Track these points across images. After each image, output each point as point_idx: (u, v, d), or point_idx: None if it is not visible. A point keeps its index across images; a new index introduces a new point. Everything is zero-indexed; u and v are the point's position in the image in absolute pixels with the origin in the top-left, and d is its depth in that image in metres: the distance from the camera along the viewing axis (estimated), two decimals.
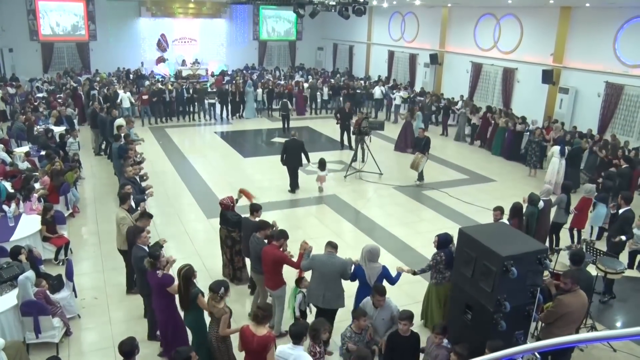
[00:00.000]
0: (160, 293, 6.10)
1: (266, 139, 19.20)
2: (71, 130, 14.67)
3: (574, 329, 5.92)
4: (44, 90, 21.74)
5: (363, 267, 6.49)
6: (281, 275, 6.89)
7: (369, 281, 6.40)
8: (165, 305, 6.15)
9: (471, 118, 18.70)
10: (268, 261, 6.74)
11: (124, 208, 8.00)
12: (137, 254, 6.68)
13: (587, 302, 6.11)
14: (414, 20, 24.56)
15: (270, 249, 6.77)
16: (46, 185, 10.53)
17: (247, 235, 7.72)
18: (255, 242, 7.16)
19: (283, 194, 13.03)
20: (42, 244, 8.99)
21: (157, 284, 6.08)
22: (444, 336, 5.57)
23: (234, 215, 8.28)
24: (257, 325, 5.17)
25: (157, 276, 6.04)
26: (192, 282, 5.90)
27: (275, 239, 6.81)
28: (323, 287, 6.45)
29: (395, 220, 11.58)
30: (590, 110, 16.25)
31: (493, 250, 5.31)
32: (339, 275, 6.49)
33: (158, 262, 6.12)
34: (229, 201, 8.40)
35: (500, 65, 19.78)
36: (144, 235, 6.86)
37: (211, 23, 29.52)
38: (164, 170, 14.57)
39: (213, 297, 5.59)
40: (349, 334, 5.75)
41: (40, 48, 25.78)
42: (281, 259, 6.71)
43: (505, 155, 16.66)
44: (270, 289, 6.94)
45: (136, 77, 24.36)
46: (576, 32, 16.80)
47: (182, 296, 5.89)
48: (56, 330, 6.72)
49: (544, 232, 9.48)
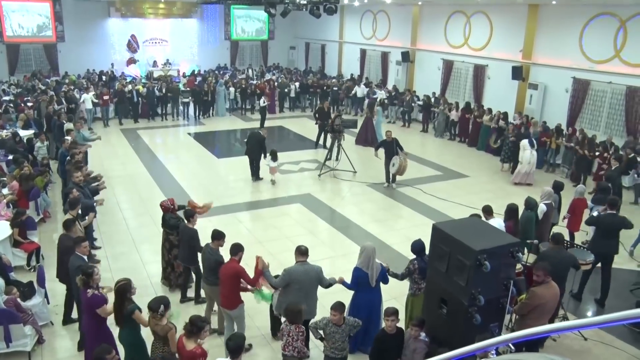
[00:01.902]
0: (89, 312, 5.82)
1: (240, 139, 19.11)
2: (39, 134, 14.34)
3: (547, 319, 6.05)
4: (11, 93, 21.22)
5: (364, 268, 6.41)
6: (239, 293, 6.58)
7: (371, 281, 6.39)
8: (94, 324, 5.84)
9: (449, 115, 18.95)
10: (225, 277, 6.43)
11: (72, 214, 7.82)
12: (75, 264, 6.38)
13: (559, 293, 6.25)
14: (385, 19, 24.70)
15: (228, 265, 6.46)
16: (15, 191, 10.28)
17: (185, 242, 7.69)
18: (208, 252, 6.90)
19: (257, 193, 13.00)
20: (12, 250, 8.78)
21: (86, 303, 5.79)
22: (421, 329, 5.64)
23: (172, 218, 8.19)
24: (187, 339, 5.10)
25: (87, 295, 5.73)
26: (127, 297, 5.63)
27: (233, 254, 6.45)
28: (303, 299, 6.15)
29: (370, 217, 11.64)
30: (559, 106, 16.58)
31: (466, 244, 5.37)
32: (317, 284, 6.40)
33: (91, 280, 5.80)
34: (169, 203, 8.33)
35: (471, 62, 20.03)
36: (84, 246, 6.71)
37: (182, 23, 29.20)
38: (137, 172, 14.37)
39: (153, 315, 5.39)
40: (325, 321, 5.71)
41: (5, 50, 25.13)
42: (240, 273, 6.40)
43: (492, 151, 16.88)
44: (227, 309, 6.56)
45: (109, 79, 23.95)
46: (544, 28, 17.12)
47: (116, 312, 5.64)
48: (28, 339, 6.57)
49: (546, 235, 8.90)
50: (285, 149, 16.73)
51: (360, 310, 6.46)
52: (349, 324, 5.73)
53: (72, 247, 6.71)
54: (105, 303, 5.79)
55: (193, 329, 5.12)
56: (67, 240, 7.08)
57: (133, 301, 5.73)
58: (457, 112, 18.86)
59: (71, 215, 7.79)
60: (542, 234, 8.89)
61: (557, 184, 9.82)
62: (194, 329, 5.12)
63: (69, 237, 7.09)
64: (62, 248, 7.11)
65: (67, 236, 7.17)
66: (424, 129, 20.19)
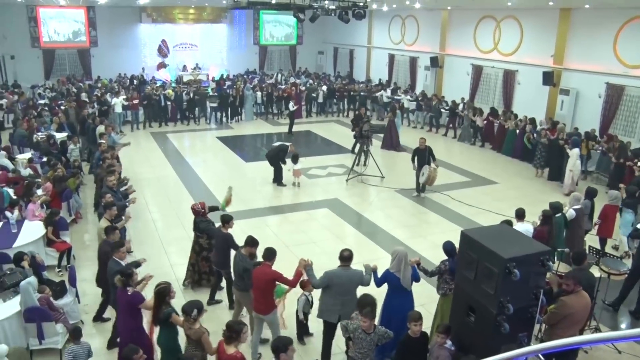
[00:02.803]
0: (127, 312, 5.92)
1: (267, 143, 19.19)
2: (72, 136, 14.68)
3: (577, 330, 5.91)
4: (46, 96, 21.78)
5: (396, 272, 6.38)
6: (273, 298, 6.59)
7: (404, 285, 6.37)
8: (130, 326, 5.94)
9: (475, 120, 18.78)
10: (260, 283, 6.38)
11: (107, 218, 7.93)
12: (113, 268, 6.45)
13: (590, 303, 6.10)
14: (414, 24, 24.60)
15: (262, 270, 6.41)
16: (49, 192, 10.54)
17: (219, 246, 7.74)
18: (238, 258, 6.92)
19: (285, 197, 13.06)
20: (45, 249, 9.00)
21: (126, 302, 5.89)
22: (447, 336, 5.57)
23: (202, 221, 8.29)
24: (228, 345, 5.08)
25: (127, 293, 5.85)
26: (165, 300, 5.70)
27: (267, 259, 6.43)
28: (340, 302, 6.23)
29: (398, 223, 11.58)
30: (591, 112, 16.24)
31: (495, 252, 5.30)
32: (356, 287, 6.38)
33: (130, 280, 5.94)
34: (200, 207, 8.41)
35: (501, 68, 19.79)
36: (122, 250, 6.72)
37: (211, 28, 29.59)
38: (166, 175, 14.59)
39: (186, 319, 5.42)
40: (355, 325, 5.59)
41: (42, 55, 25.87)
42: (278, 278, 6.38)
43: (518, 156, 16.78)
44: (261, 314, 6.53)
45: (139, 83, 24.41)
46: (576, 33, 16.81)
47: (155, 313, 5.76)
48: (59, 336, 6.73)
49: (577, 241, 8.89)
50: (313, 154, 16.79)
51: (392, 313, 6.44)
52: (378, 333, 5.59)
53: (110, 252, 6.77)
54: (143, 300, 5.92)
55: (232, 334, 5.07)
56: (106, 245, 7.15)
57: (171, 305, 5.77)
58: (482, 117, 18.67)
59: (107, 219, 7.88)
60: (572, 240, 8.80)
61: (590, 190, 9.61)
62: (232, 334, 5.07)
63: (108, 243, 7.13)
64: (101, 254, 7.20)
65: (107, 242, 7.22)
66: (447, 133, 20.16)
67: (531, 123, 16.53)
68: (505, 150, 17.43)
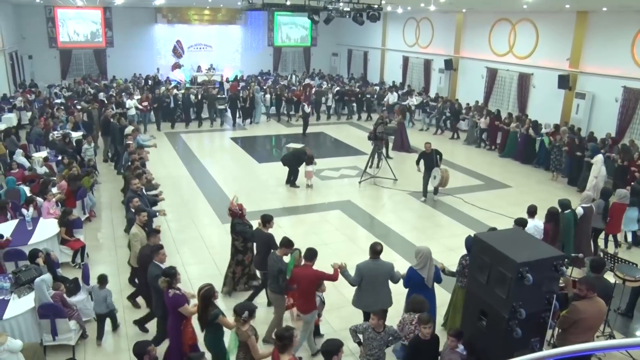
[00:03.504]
0: (173, 313, 5.92)
1: (280, 144, 19.24)
2: (87, 135, 14.82)
3: (590, 336, 5.84)
4: (62, 96, 22.03)
5: (420, 270, 6.57)
6: (314, 298, 6.70)
7: (427, 283, 6.57)
8: (177, 325, 5.94)
9: (478, 122, 18.75)
10: (304, 283, 6.51)
11: (138, 224, 7.78)
12: (153, 273, 6.38)
13: (605, 310, 6.02)
14: (428, 26, 24.52)
15: (305, 270, 6.54)
16: (63, 190, 10.66)
17: (259, 247, 7.66)
18: (274, 260, 6.87)
19: (297, 199, 13.07)
20: (60, 247, 9.11)
21: (169, 304, 5.89)
22: (458, 341, 5.54)
23: (239, 224, 8.10)
24: (282, 354, 4.96)
25: (168, 295, 5.85)
26: (211, 302, 5.67)
27: (308, 260, 6.56)
28: (374, 293, 6.54)
29: (410, 226, 11.54)
30: (608, 116, 16.05)
31: (508, 256, 5.27)
32: (388, 277, 6.65)
33: (174, 280, 5.90)
34: (237, 209, 8.20)
35: (516, 71, 19.65)
36: (162, 253, 6.61)
37: (226, 29, 29.76)
38: (179, 175, 14.68)
39: (236, 319, 5.38)
40: (366, 325, 5.70)
41: (59, 55, 26.19)
42: (322, 276, 6.56)
43: (520, 158, 16.87)
44: (303, 313, 6.68)
45: (153, 83, 24.58)
46: (593, 36, 16.64)
47: (200, 316, 5.70)
48: (72, 333, 6.79)
49: (585, 239, 9.28)
50: (326, 156, 16.79)
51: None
52: (388, 332, 5.69)
53: (150, 256, 6.67)
54: (186, 302, 5.88)
55: (285, 342, 4.93)
56: (146, 249, 7.06)
57: (217, 306, 5.75)
58: (485, 120, 18.61)
59: (138, 224, 7.74)
60: (580, 237, 9.11)
61: (605, 191, 10.10)
62: (285, 341, 4.93)
63: (148, 247, 7.05)
64: (142, 258, 7.07)
65: (147, 246, 7.15)
66: (454, 136, 20.17)
67: (534, 127, 16.56)
68: (507, 153, 17.49)
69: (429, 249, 6.71)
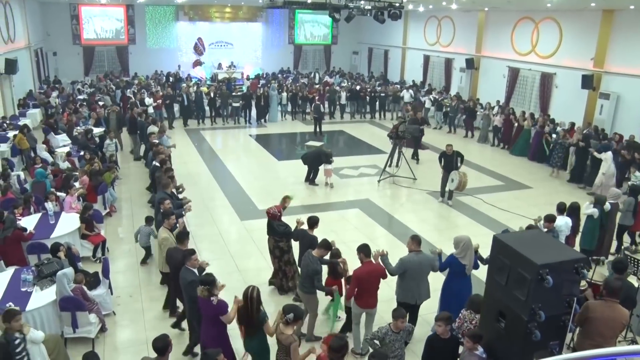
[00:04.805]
0: (213, 321, 5.71)
1: (300, 142, 19.25)
2: (109, 131, 14.98)
3: (610, 341, 5.73)
4: (85, 92, 22.35)
5: (461, 258, 6.75)
6: None
7: (467, 271, 6.76)
8: (216, 333, 5.76)
9: (493, 120, 18.62)
10: (374, 278, 6.58)
11: (166, 227, 7.50)
12: (187, 278, 6.12)
13: (624, 316, 5.86)
14: (450, 25, 24.33)
15: (370, 267, 6.57)
16: (85, 185, 10.81)
17: (304, 249, 7.63)
18: (309, 259, 6.88)
19: (316, 197, 13.07)
20: (81, 241, 9.24)
21: (212, 312, 5.65)
22: (477, 343, 5.48)
23: (280, 225, 8.12)
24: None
25: (212, 304, 5.59)
26: (261, 303, 5.58)
27: (367, 256, 6.62)
28: (416, 285, 6.71)
29: (429, 225, 11.47)
30: (633, 117, 15.76)
31: (528, 258, 5.20)
32: (429, 270, 6.83)
33: (214, 287, 5.68)
34: (276, 210, 8.22)
35: (538, 70, 19.40)
36: (194, 258, 6.30)
37: (247, 27, 29.88)
38: (199, 171, 14.78)
39: (281, 318, 5.30)
40: (385, 330, 5.70)
41: (82, 51, 26.57)
42: (383, 270, 6.67)
43: (531, 156, 16.80)
44: (370, 308, 6.71)
45: (175, 80, 24.79)
46: (619, 35, 16.33)
47: (249, 319, 5.55)
48: (92, 326, 6.89)
49: (609, 235, 9.60)
50: (345, 154, 16.78)
51: (452, 296, 6.84)
52: (405, 329, 5.78)
53: (182, 260, 6.38)
54: (228, 308, 5.69)
55: (342, 351, 4.82)
56: (176, 253, 6.74)
57: (263, 308, 5.68)
58: (500, 118, 18.45)
59: (166, 228, 7.49)
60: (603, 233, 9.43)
61: (635, 188, 10.13)
62: (343, 351, 4.83)
63: (178, 250, 6.79)
64: (172, 262, 6.78)
65: (176, 249, 6.85)
66: (467, 134, 20.05)
67: (551, 123, 16.49)
68: (516, 150, 17.42)
69: (469, 237, 6.90)
